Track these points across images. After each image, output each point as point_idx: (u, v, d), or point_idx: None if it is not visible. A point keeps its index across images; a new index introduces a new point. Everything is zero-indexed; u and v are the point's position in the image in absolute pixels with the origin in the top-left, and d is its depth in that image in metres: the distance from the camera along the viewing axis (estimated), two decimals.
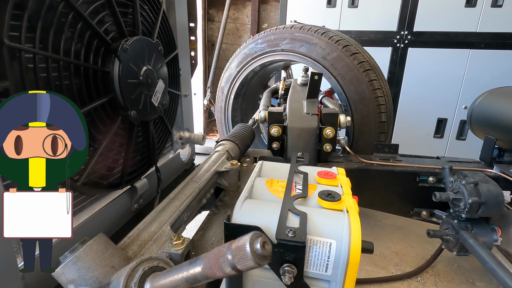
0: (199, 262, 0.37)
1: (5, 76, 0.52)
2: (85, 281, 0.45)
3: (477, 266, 1.04)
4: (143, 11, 0.89)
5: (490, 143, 1.19)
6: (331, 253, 0.50)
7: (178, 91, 1.17)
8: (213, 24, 4.27)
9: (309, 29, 1.69)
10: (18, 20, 0.54)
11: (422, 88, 2.98)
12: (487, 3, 2.69)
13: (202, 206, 0.85)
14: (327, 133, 1.17)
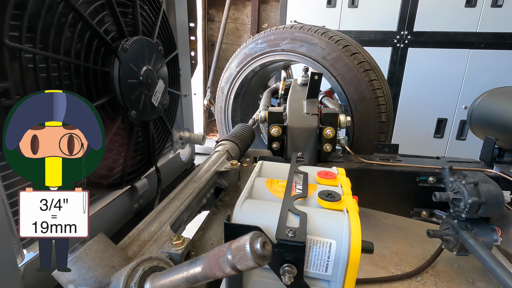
0: (199, 262, 0.37)
1: (5, 76, 0.52)
2: (85, 281, 0.45)
3: (477, 266, 1.04)
4: (143, 11, 0.89)
5: (490, 143, 1.19)
6: (331, 253, 0.50)
7: (178, 91, 1.17)
8: (213, 24, 4.27)
9: (309, 29, 1.69)
10: (18, 20, 0.54)
11: (422, 88, 2.98)
12: (487, 3, 2.69)
13: (202, 206, 0.84)
14: (327, 133, 1.16)
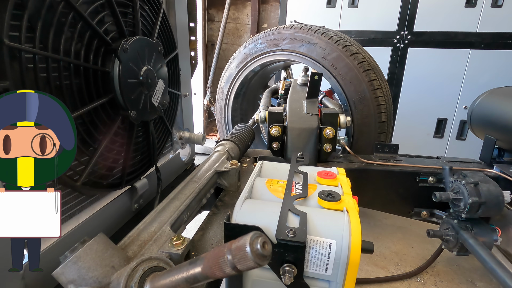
0: (199, 262, 0.37)
1: (5, 76, 0.52)
2: (85, 281, 0.45)
3: (477, 266, 1.04)
4: (143, 11, 0.89)
5: (490, 143, 1.19)
6: (331, 253, 0.50)
7: (178, 91, 1.17)
8: (213, 24, 4.27)
9: (309, 29, 1.68)
10: (18, 20, 0.54)
11: (422, 88, 2.98)
12: (487, 3, 2.69)
13: (202, 206, 0.84)
14: (327, 133, 1.16)
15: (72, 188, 0.70)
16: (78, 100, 0.67)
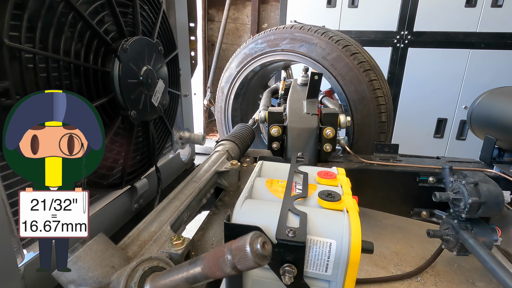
0: (199, 262, 0.37)
1: (5, 76, 0.52)
2: (85, 281, 0.45)
3: (477, 266, 1.04)
4: (143, 11, 0.89)
5: (490, 143, 1.19)
6: (331, 253, 0.50)
7: (178, 91, 1.17)
8: (213, 24, 4.27)
9: (309, 29, 1.68)
10: (18, 20, 0.54)
11: (422, 88, 2.97)
12: (487, 3, 2.69)
13: (202, 206, 0.84)
14: (327, 133, 1.16)
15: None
16: None
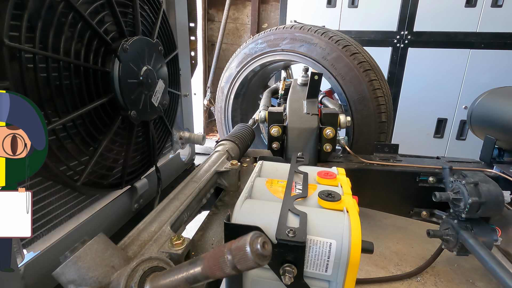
0: (199, 262, 0.37)
1: (5, 76, 0.52)
2: (85, 281, 0.45)
3: (477, 266, 1.04)
4: (143, 11, 0.89)
5: (490, 143, 1.19)
6: (331, 253, 0.50)
7: (178, 91, 1.17)
8: (213, 24, 4.27)
9: (309, 29, 1.68)
10: (18, 20, 0.54)
11: (422, 88, 2.98)
12: (487, 3, 2.69)
13: (202, 206, 0.84)
14: (327, 133, 1.16)
15: (72, 188, 0.70)
16: (78, 100, 0.67)
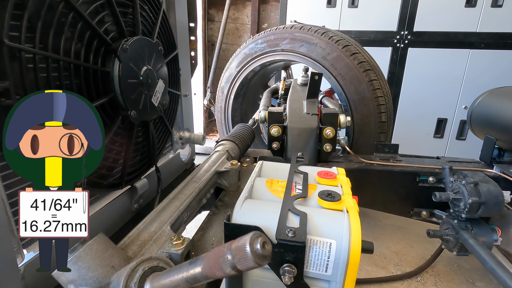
0: (199, 262, 0.37)
1: (5, 76, 0.52)
2: (85, 281, 0.45)
3: (477, 266, 1.04)
4: (143, 11, 0.89)
5: (490, 143, 1.19)
6: (331, 253, 0.50)
7: (178, 91, 1.17)
8: (213, 24, 4.27)
9: (309, 29, 1.68)
10: (18, 20, 0.54)
11: (422, 88, 2.98)
12: (487, 3, 2.69)
13: (202, 206, 0.84)
14: (327, 133, 1.16)
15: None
16: None
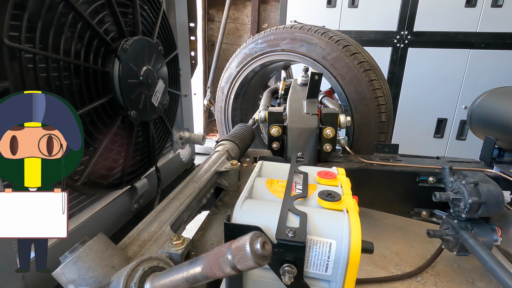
0: (199, 262, 0.37)
1: (5, 76, 0.52)
2: (85, 281, 0.45)
3: (477, 266, 1.04)
4: (143, 11, 0.89)
5: (490, 143, 1.19)
6: (331, 253, 0.50)
7: (178, 91, 1.17)
8: (213, 24, 4.27)
9: (309, 29, 1.68)
10: (18, 20, 0.54)
11: (422, 88, 2.98)
12: (487, 3, 2.69)
13: (202, 206, 0.84)
14: (327, 133, 1.16)
15: (72, 188, 0.69)
16: (78, 100, 0.67)
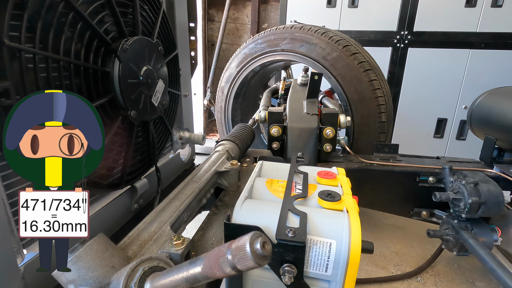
0: (199, 262, 0.37)
1: (5, 76, 0.52)
2: (85, 281, 0.45)
3: (477, 266, 1.04)
4: (143, 11, 0.89)
5: (490, 143, 1.19)
6: (331, 253, 0.50)
7: (178, 91, 1.17)
8: (213, 24, 4.27)
9: (309, 29, 1.68)
10: (18, 20, 0.54)
11: (422, 88, 2.98)
12: (487, 3, 2.69)
13: (202, 206, 0.85)
14: (327, 133, 1.16)
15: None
16: None
